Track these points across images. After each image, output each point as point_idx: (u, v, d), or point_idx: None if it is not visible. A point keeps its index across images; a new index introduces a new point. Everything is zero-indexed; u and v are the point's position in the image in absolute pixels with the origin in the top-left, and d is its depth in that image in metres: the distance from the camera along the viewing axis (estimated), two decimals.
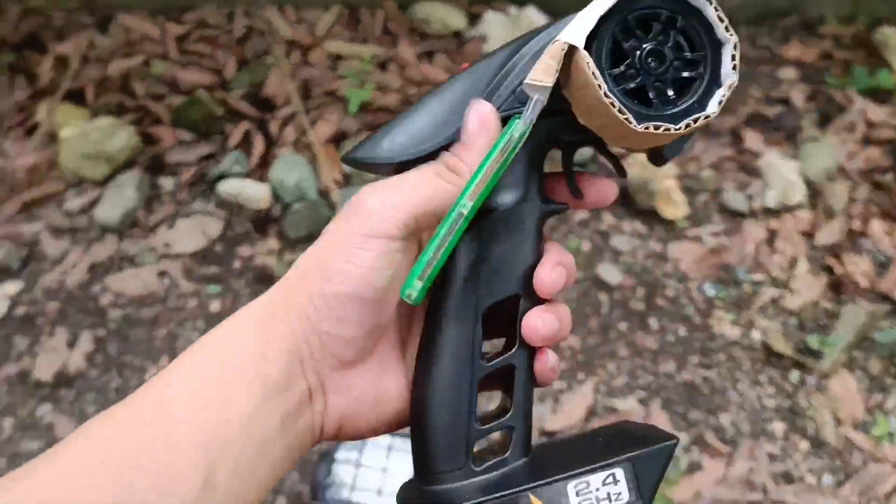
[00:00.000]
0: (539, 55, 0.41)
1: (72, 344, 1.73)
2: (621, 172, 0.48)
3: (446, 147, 0.44)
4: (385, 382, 0.46)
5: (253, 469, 0.40)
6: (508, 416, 0.45)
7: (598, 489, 0.42)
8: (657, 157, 0.46)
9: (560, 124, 0.44)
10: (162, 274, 1.84)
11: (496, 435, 0.47)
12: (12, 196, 1.93)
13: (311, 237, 1.86)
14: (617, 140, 0.44)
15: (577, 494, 0.42)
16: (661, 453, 0.44)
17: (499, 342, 0.48)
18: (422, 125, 0.43)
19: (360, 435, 0.47)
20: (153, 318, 1.77)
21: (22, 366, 1.70)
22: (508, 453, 0.45)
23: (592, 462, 0.43)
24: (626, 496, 0.42)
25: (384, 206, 0.42)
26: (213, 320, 1.77)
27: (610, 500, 0.42)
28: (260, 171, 1.97)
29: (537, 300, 0.45)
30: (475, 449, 0.45)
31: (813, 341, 1.75)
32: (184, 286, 1.82)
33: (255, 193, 1.91)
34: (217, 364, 0.41)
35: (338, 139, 2.03)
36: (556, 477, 0.42)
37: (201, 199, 1.96)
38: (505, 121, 0.43)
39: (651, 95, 0.42)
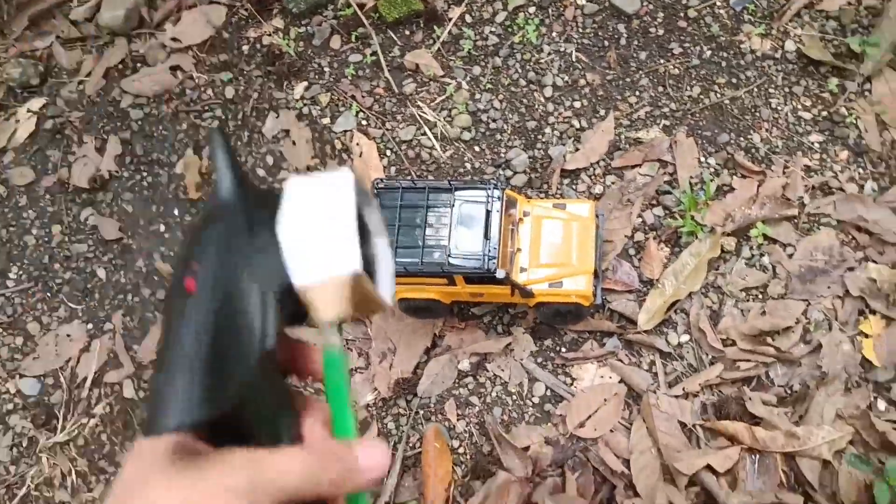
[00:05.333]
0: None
1: (101, 149, 1.77)
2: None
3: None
4: None
5: None
6: None
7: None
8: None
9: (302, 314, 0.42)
10: (174, 69, 1.82)
11: None
12: (19, 13, 1.92)
13: (313, 10, 1.80)
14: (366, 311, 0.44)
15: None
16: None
17: None
18: (187, 386, 0.38)
19: None
20: (173, 112, 1.78)
21: (59, 176, 1.76)
22: None
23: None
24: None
25: None
26: (229, 107, 1.76)
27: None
28: None
29: None
30: None
31: (854, 43, 1.62)
32: (197, 78, 1.81)
33: None
34: None
35: None
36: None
37: None
38: None
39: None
